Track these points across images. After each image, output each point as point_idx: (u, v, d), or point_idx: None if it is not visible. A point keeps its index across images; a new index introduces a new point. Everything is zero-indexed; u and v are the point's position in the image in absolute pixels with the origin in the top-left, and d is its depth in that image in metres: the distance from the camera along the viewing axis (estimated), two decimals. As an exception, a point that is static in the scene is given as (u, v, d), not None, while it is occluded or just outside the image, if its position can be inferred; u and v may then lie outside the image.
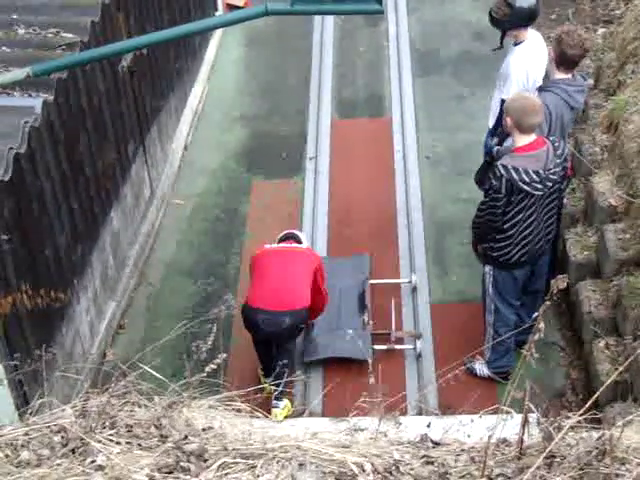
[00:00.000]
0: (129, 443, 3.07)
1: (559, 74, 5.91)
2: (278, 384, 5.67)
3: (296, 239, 6.48)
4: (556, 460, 2.85)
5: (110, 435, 3.10)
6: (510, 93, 6.21)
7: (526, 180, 5.41)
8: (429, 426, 3.34)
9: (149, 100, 7.72)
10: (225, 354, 3.80)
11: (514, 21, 6.42)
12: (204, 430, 3.25)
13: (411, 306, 7.06)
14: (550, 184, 5.51)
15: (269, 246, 6.35)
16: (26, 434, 3.13)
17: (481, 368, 6.31)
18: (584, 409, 2.98)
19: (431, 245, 7.65)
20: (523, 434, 2.90)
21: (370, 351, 6.46)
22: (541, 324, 2.85)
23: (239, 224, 8.04)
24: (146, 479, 2.85)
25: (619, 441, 2.88)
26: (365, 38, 10.57)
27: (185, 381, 3.52)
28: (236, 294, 6.92)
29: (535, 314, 2.92)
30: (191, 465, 2.91)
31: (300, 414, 5.90)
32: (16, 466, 2.97)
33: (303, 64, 10.12)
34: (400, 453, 3.05)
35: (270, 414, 5.77)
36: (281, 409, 5.98)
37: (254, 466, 2.91)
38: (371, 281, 7.18)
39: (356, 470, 2.88)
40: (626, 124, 6.85)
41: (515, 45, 6.52)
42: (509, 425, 2.99)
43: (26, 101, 5.46)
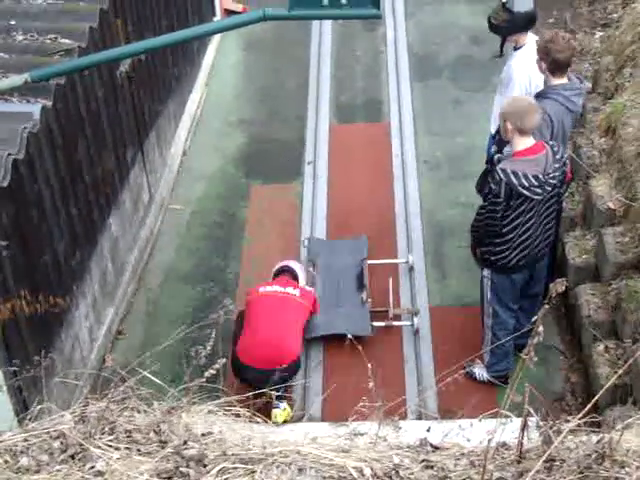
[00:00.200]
0: (128, 448, 3.07)
1: (555, 80, 5.90)
2: (278, 389, 5.66)
3: (292, 273, 6.53)
4: (556, 464, 2.85)
5: (109, 441, 3.10)
6: None
7: (525, 184, 5.40)
8: (429, 430, 3.34)
9: (147, 106, 7.73)
10: (224, 359, 3.81)
11: (514, 26, 6.46)
12: (203, 435, 3.24)
13: (408, 285, 7.24)
14: (549, 188, 5.51)
15: (263, 289, 6.31)
16: (25, 440, 3.12)
17: (480, 372, 6.31)
18: (583, 412, 2.98)
19: (430, 249, 7.65)
20: (523, 438, 2.90)
21: (370, 327, 6.65)
22: (540, 327, 2.85)
23: (238, 229, 8.04)
24: (146, 484, 2.85)
25: (619, 444, 2.88)
26: (363, 43, 10.58)
27: (184, 386, 3.52)
28: (235, 299, 6.91)
29: (534, 318, 2.92)
30: (190, 470, 2.91)
31: (300, 419, 5.90)
32: (15, 472, 2.96)
33: (301, 69, 10.13)
34: (400, 457, 3.05)
35: (269, 418, 5.76)
36: (282, 410, 5.96)
37: (254, 471, 2.91)
38: (369, 261, 7.34)
39: (356, 475, 2.88)
40: (624, 127, 6.86)
41: (515, 50, 6.54)
42: (509, 429, 2.99)
43: (24, 107, 5.46)
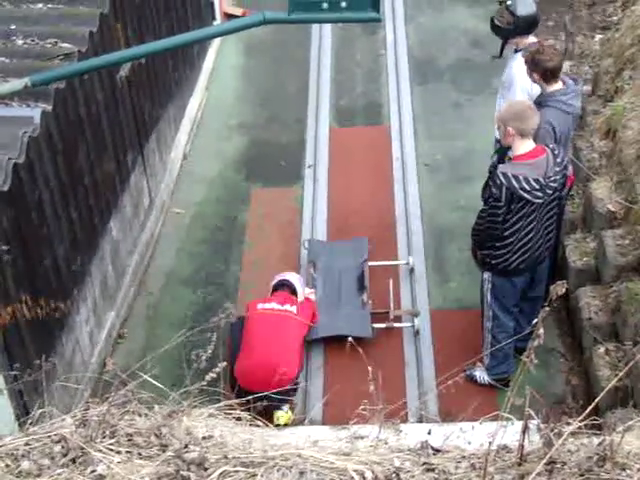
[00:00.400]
0: (129, 452, 3.07)
1: (550, 87, 5.88)
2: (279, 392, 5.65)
3: (290, 287, 6.48)
4: (557, 466, 2.84)
5: (110, 444, 3.09)
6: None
7: (526, 188, 5.40)
8: (429, 433, 3.33)
9: (148, 109, 7.73)
10: (225, 363, 3.81)
11: (518, 29, 6.50)
12: (204, 439, 3.24)
13: (409, 286, 7.24)
14: (550, 192, 5.51)
15: (261, 306, 6.26)
16: (26, 444, 3.12)
17: (481, 375, 6.30)
18: (584, 415, 2.98)
19: (430, 252, 7.64)
20: (523, 440, 2.90)
21: (370, 329, 6.64)
22: (541, 330, 2.84)
23: (238, 233, 8.04)
24: (147, 488, 2.85)
25: (620, 447, 2.88)
26: (363, 46, 10.59)
27: (185, 390, 3.52)
28: (236, 302, 6.91)
29: (534, 320, 2.92)
30: (191, 474, 2.91)
31: (301, 422, 5.90)
32: (16, 476, 2.96)
33: (301, 72, 10.14)
34: (401, 460, 3.04)
35: (270, 421, 5.75)
36: (284, 412, 5.94)
37: (255, 474, 2.91)
38: (370, 263, 7.34)
39: (357, 478, 2.88)
40: (624, 130, 6.87)
41: (516, 52, 6.54)
42: (509, 432, 2.98)
43: (25, 111, 5.46)
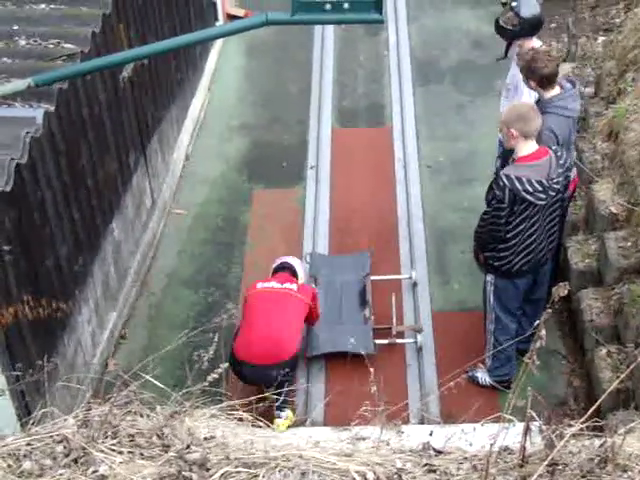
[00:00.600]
0: (131, 453, 3.07)
1: (548, 93, 5.87)
2: (280, 394, 5.65)
3: (291, 269, 6.46)
4: (558, 468, 2.85)
5: (112, 445, 3.10)
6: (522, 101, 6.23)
7: (529, 190, 5.40)
8: (431, 434, 3.34)
9: (150, 110, 7.74)
10: (227, 363, 3.82)
11: (523, 30, 6.53)
12: (206, 439, 3.24)
13: (412, 301, 7.14)
14: (553, 194, 5.51)
15: (261, 285, 6.26)
16: (28, 444, 3.12)
17: (483, 376, 6.30)
18: (586, 417, 2.98)
19: (432, 254, 7.64)
20: (525, 442, 2.90)
21: (372, 345, 6.53)
22: (543, 332, 2.85)
23: (240, 233, 8.04)
24: (148, 489, 2.85)
25: (621, 449, 2.88)
26: (365, 47, 10.60)
27: (187, 390, 3.52)
28: (237, 303, 6.91)
29: (537, 322, 2.92)
30: (193, 474, 2.91)
31: (302, 423, 5.90)
32: (18, 476, 2.97)
33: (303, 73, 10.14)
34: (402, 461, 3.05)
35: (272, 423, 5.75)
36: (284, 420, 5.94)
37: (256, 475, 2.91)
38: (372, 277, 7.24)
39: (358, 479, 2.88)
40: (626, 132, 6.86)
41: None
42: (511, 433, 2.98)
43: (27, 112, 5.46)
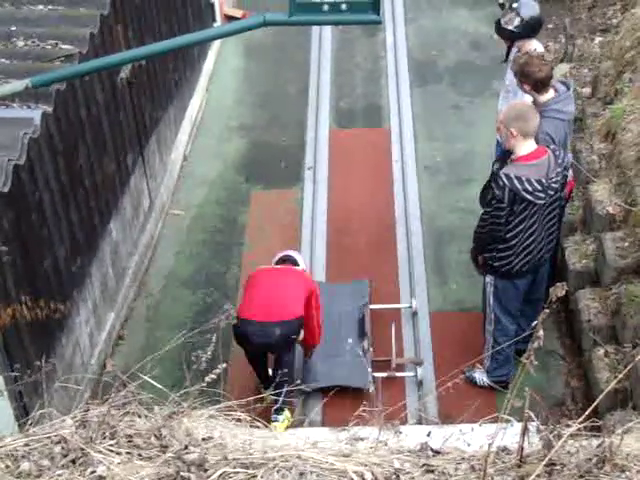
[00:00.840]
0: (129, 453, 3.07)
1: (543, 96, 5.87)
2: (278, 395, 5.65)
3: (293, 262, 6.46)
4: (556, 468, 2.85)
5: (110, 445, 3.09)
6: None
7: (529, 189, 5.41)
8: (429, 435, 3.33)
9: (148, 111, 7.74)
10: (225, 364, 3.81)
11: (524, 31, 6.57)
12: (204, 440, 3.24)
13: (412, 332, 6.92)
14: (552, 192, 5.52)
15: (262, 267, 6.35)
16: (26, 445, 3.12)
17: (481, 377, 6.31)
18: (584, 417, 2.98)
19: (430, 254, 7.65)
20: (523, 442, 2.90)
21: (370, 380, 6.34)
22: (540, 332, 2.85)
23: (238, 234, 8.04)
24: (147, 489, 2.85)
25: (619, 449, 2.88)
26: (363, 48, 10.60)
27: (185, 391, 3.52)
28: (236, 304, 6.91)
29: (534, 322, 2.92)
30: (192, 475, 2.91)
31: (300, 424, 5.89)
32: (16, 477, 2.96)
33: (301, 74, 10.15)
34: (400, 462, 3.04)
35: (270, 424, 5.75)
36: (280, 422, 5.95)
37: (254, 475, 2.91)
38: (371, 306, 7.02)
39: (356, 479, 2.88)
40: (624, 132, 6.87)
41: None
42: (509, 433, 2.98)
43: (25, 112, 5.47)
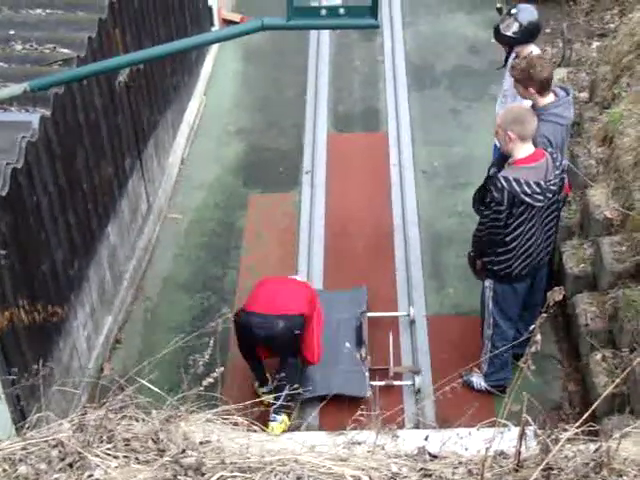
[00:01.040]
0: (127, 457, 3.06)
1: (544, 99, 5.88)
2: (277, 397, 5.65)
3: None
4: (553, 472, 2.84)
5: (108, 449, 3.09)
6: None
7: (527, 192, 5.41)
8: (427, 439, 3.33)
9: (146, 115, 7.74)
10: (222, 368, 3.81)
11: (523, 37, 6.61)
12: (202, 444, 3.24)
13: (409, 340, 6.90)
14: (550, 195, 5.52)
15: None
16: (24, 448, 3.12)
17: (478, 381, 6.31)
18: (581, 421, 2.98)
19: (428, 258, 7.65)
20: (520, 446, 2.90)
21: (368, 389, 6.23)
22: (538, 336, 2.85)
23: (236, 238, 8.04)
24: (144, 493, 2.85)
25: (616, 453, 2.88)
26: (361, 52, 10.61)
27: (182, 395, 3.52)
28: (233, 308, 6.91)
29: (532, 327, 2.92)
30: (189, 479, 2.91)
31: (297, 428, 5.89)
32: (14, 481, 2.96)
33: (299, 78, 10.15)
34: (398, 466, 3.04)
35: (267, 427, 5.75)
36: (279, 423, 5.96)
37: (252, 479, 2.91)
38: (369, 314, 7.01)
39: (354, 483, 2.88)
40: (621, 137, 6.88)
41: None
42: (506, 438, 2.99)
43: (23, 116, 5.47)
